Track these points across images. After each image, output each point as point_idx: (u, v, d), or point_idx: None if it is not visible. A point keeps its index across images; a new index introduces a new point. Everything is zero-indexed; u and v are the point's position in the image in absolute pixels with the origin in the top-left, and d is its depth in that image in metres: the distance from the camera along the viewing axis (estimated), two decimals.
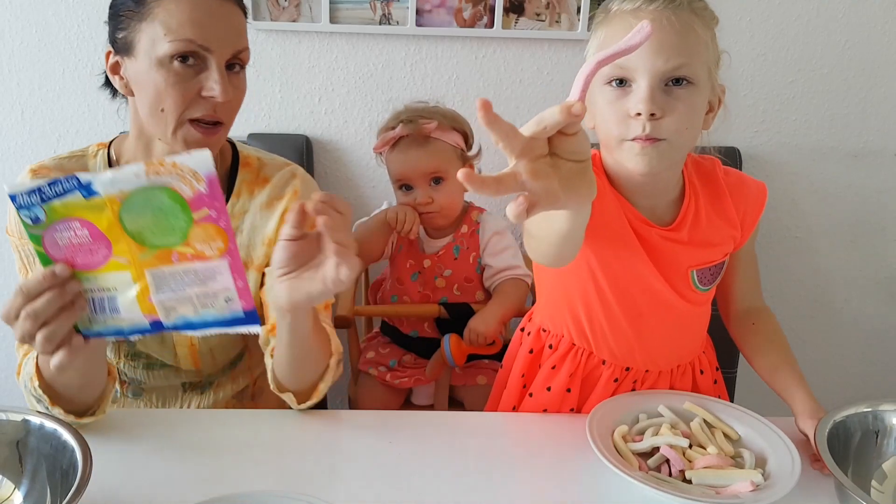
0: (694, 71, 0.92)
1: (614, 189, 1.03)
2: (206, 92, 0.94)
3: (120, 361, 1.15)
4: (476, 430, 1.02)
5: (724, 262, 1.09)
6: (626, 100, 0.93)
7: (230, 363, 1.19)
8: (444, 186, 1.51)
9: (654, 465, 0.93)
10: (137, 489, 0.86)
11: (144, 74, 0.95)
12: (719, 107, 1.01)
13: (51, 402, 0.90)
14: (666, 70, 0.91)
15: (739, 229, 1.08)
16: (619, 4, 0.96)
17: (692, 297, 1.07)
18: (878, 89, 1.81)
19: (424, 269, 1.56)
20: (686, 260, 1.05)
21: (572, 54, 1.76)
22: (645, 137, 0.92)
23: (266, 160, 1.13)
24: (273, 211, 1.09)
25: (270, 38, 1.73)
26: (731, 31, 1.75)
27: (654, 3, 0.93)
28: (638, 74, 0.91)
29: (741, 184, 1.10)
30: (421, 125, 1.47)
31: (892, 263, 1.98)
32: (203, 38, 0.92)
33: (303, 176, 1.13)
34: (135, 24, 0.94)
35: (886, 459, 0.92)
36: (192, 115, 0.95)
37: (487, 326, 1.46)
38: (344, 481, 0.90)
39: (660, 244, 1.03)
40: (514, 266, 1.54)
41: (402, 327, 1.61)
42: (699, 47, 0.93)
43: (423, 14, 1.70)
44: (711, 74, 0.97)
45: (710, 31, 0.96)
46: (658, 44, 0.90)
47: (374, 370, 1.56)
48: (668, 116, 0.92)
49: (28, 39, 1.71)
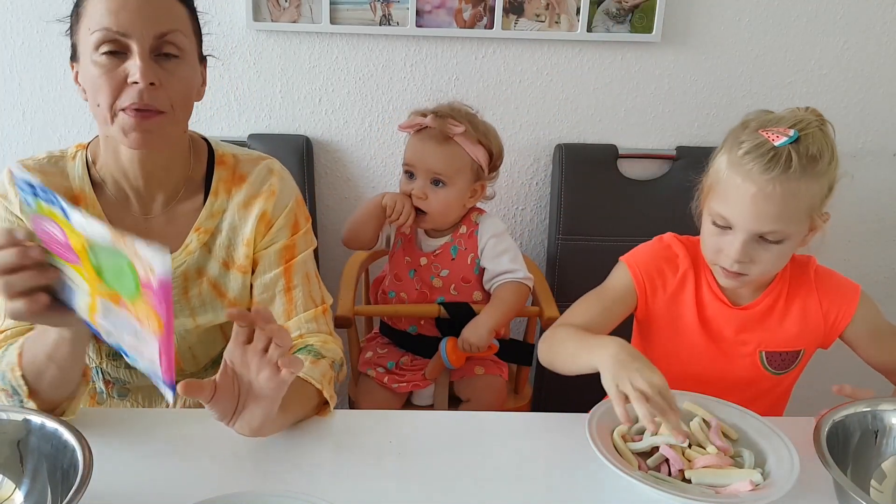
0: (787, 232, 1.03)
1: (703, 271, 1.14)
2: (129, 78, 0.94)
3: (102, 362, 1.14)
4: (476, 429, 1.02)
5: (799, 351, 1.14)
6: (722, 239, 1.05)
7: (212, 362, 1.19)
8: (442, 191, 1.49)
9: (653, 465, 0.93)
10: (138, 489, 0.87)
11: (85, 73, 0.96)
12: (820, 230, 1.08)
13: (28, 395, 0.90)
14: (759, 232, 1.02)
15: (823, 325, 1.13)
16: (741, 157, 1.02)
17: (761, 378, 1.13)
18: (876, 90, 1.81)
19: (421, 266, 1.56)
20: (754, 340, 1.12)
21: (572, 55, 1.76)
22: (732, 272, 1.06)
23: (241, 156, 1.12)
24: (250, 210, 1.08)
25: (271, 39, 1.73)
26: (731, 31, 1.75)
27: (768, 173, 0.99)
28: (736, 227, 1.03)
29: (831, 283, 1.14)
30: (448, 124, 1.46)
31: (892, 263, 1.98)
32: (118, 25, 0.92)
33: (280, 172, 1.12)
34: (75, 29, 0.97)
35: (885, 459, 0.92)
36: (123, 105, 0.94)
37: (479, 338, 1.46)
38: (344, 481, 0.90)
39: (728, 322, 1.12)
40: (513, 270, 1.53)
41: (399, 323, 1.61)
42: (799, 210, 1.02)
43: (423, 15, 1.70)
44: (813, 216, 1.05)
45: (820, 182, 1.02)
46: (758, 211, 1.01)
47: (372, 371, 1.56)
48: (755, 264, 1.05)
49: (29, 40, 1.71)
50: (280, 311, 1.10)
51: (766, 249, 1.03)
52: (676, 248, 1.17)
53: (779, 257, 1.05)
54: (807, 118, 1.05)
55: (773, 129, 1.02)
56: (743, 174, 1.01)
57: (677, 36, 1.75)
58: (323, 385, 0.99)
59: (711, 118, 1.83)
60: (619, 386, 0.89)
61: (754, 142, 1.02)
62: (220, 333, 1.16)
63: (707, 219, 1.08)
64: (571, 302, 1.17)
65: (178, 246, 1.07)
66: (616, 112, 1.82)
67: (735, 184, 1.02)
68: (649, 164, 1.85)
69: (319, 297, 1.13)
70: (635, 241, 1.80)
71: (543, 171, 1.87)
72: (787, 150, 0.99)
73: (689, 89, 1.80)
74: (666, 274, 1.15)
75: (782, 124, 1.03)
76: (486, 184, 1.54)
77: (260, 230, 1.08)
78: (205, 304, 1.10)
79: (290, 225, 1.11)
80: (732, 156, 1.03)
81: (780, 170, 0.99)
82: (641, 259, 1.17)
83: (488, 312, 1.49)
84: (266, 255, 1.10)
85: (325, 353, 1.06)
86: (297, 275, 1.11)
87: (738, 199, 1.01)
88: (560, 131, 1.83)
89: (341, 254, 1.79)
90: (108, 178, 1.05)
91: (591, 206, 1.81)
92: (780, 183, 0.99)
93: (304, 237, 1.13)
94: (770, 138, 1.01)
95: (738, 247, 1.03)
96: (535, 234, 1.93)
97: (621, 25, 1.72)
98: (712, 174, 1.07)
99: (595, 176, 1.81)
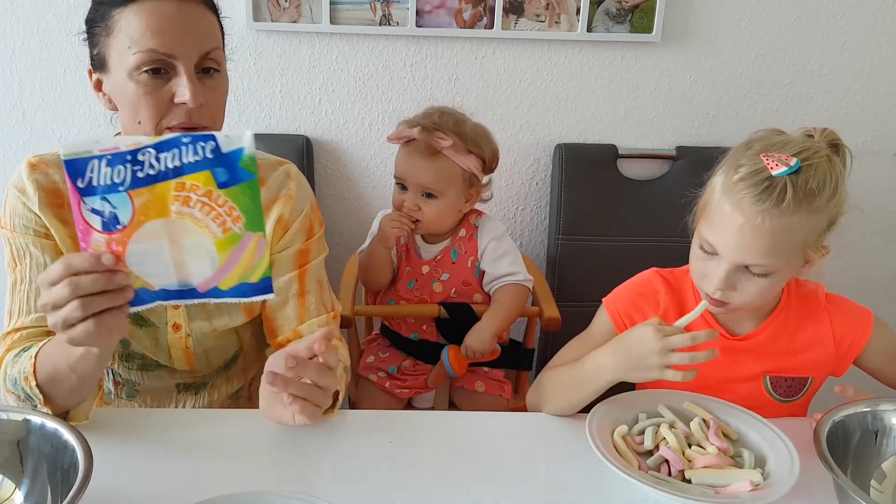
0: (774, 266, 0.97)
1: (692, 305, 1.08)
2: (177, 98, 0.93)
3: (115, 363, 1.14)
4: (476, 430, 1.02)
5: (807, 378, 1.09)
6: (708, 264, 1.01)
7: (225, 365, 1.19)
8: (434, 203, 1.47)
9: (653, 465, 0.93)
10: (138, 489, 0.87)
11: (120, 88, 0.94)
12: (818, 262, 1.02)
13: (43, 402, 0.90)
14: (745, 264, 0.97)
15: (836, 353, 1.08)
16: (735, 183, 0.96)
17: (766, 405, 1.07)
18: (876, 90, 1.81)
19: (423, 275, 1.56)
20: (758, 366, 1.08)
21: (572, 55, 1.76)
22: (715, 300, 1.01)
23: (260, 160, 1.12)
24: (268, 215, 1.08)
25: (271, 39, 1.73)
26: (731, 31, 1.75)
27: (759, 205, 0.94)
28: (722, 255, 0.98)
29: (843, 310, 1.09)
30: (435, 138, 1.43)
31: (892, 263, 1.99)
32: (165, 47, 0.91)
33: (297, 176, 1.12)
34: (104, 40, 0.94)
35: (886, 459, 0.92)
36: (169, 124, 0.94)
37: (482, 344, 1.46)
38: (344, 481, 0.90)
39: (725, 354, 1.04)
40: (513, 272, 1.53)
41: (402, 331, 1.60)
42: (791, 245, 0.97)
43: (423, 15, 1.70)
44: (808, 251, 0.99)
45: (818, 217, 0.96)
46: (744, 243, 0.96)
47: (373, 376, 1.56)
48: (737, 293, 0.99)
49: (29, 40, 1.71)
50: (292, 316, 1.10)
51: (750, 281, 0.98)
52: (657, 284, 1.12)
53: (764, 290, 1.00)
54: (815, 146, 0.97)
55: (775, 154, 0.95)
56: (733, 202, 0.95)
57: (677, 36, 1.75)
58: (340, 387, 0.99)
59: (711, 118, 1.83)
60: (654, 376, 0.92)
61: (752, 167, 0.95)
62: (234, 336, 1.17)
63: (696, 241, 1.03)
64: (571, 302, 1.17)
65: None
66: (616, 112, 1.82)
67: (724, 211, 0.96)
68: (649, 164, 1.85)
69: (330, 303, 1.13)
70: (635, 241, 1.83)
71: (543, 171, 1.87)
72: (783, 182, 0.93)
73: (689, 89, 1.80)
74: (645, 310, 1.10)
75: (787, 150, 0.96)
76: (480, 188, 1.53)
77: (277, 234, 1.08)
78: (220, 308, 1.10)
79: (305, 229, 1.10)
80: (727, 179, 0.97)
81: (771, 202, 0.93)
82: (619, 298, 1.13)
83: (489, 318, 1.49)
84: (281, 258, 1.09)
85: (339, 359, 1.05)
86: (311, 280, 1.10)
87: (725, 227, 0.96)
88: (560, 131, 1.83)
89: (341, 254, 1.79)
90: None
91: (591, 206, 1.81)
92: (770, 217, 0.93)
93: (317, 242, 1.13)
94: (769, 166, 0.94)
95: (721, 275, 0.98)
96: (535, 235, 1.93)
97: (621, 25, 1.72)
98: (707, 194, 1.02)
99: (595, 176, 1.81)
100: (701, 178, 1.09)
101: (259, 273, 0.79)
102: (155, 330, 1.09)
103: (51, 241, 1.00)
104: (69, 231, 0.99)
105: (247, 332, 1.18)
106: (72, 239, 0.99)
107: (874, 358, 1.08)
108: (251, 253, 0.78)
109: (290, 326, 1.09)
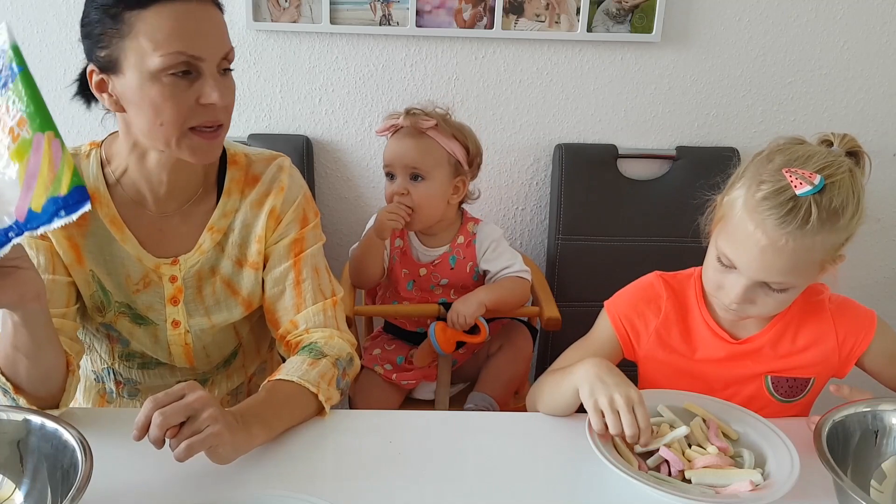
0: (794, 283, 0.98)
1: (694, 309, 1.09)
2: (204, 99, 0.93)
3: (115, 362, 1.15)
4: (476, 429, 1.02)
5: (809, 379, 1.08)
6: (725, 277, 1.00)
7: (224, 361, 1.19)
8: (422, 185, 1.49)
9: (653, 465, 0.93)
10: (138, 489, 0.87)
11: (136, 90, 0.93)
12: (832, 270, 1.02)
13: (14, 391, 0.91)
14: (764, 281, 0.97)
15: (838, 354, 1.07)
16: (759, 202, 0.94)
17: (767, 405, 1.07)
18: (876, 90, 1.81)
19: (420, 277, 1.57)
20: (759, 367, 1.08)
21: (572, 55, 1.76)
22: (731, 311, 1.02)
23: (254, 156, 1.13)
24: (262, 208, 1.09)
25: (271, 39, 1.73)
26: (731, 31, 1.75)
27: (783, 228, 0.92)
28: (741, 270, 0.97)
29: (847, 311, 1.09)
30: (419, 119, 1.48)
31: (892, 263, 1.98)
32: (193, 49, 0.91)
33: (289, 169, 1.13)
34: (116, 42, 0.92)
35: (886, 459, 0.92)
36: (192, 124, 0.95)
37: (468, 306, 1.47)
38: (344, 481, 0.90)
39: (727, 357, 1.07)
40: (512, 265, 1.56)
41: (406, 326, 1.62)
42: (811, 262, 0.96)
43: (423, 15, 1.70)
44: (824, 265, 0.99)
45: (839, 235, 0.96)
46: (766, 264, 0.95)
47: (379, 368, 1.57)
48: (755, 306, 1.00)
49: (29, 40, 1.71)
50: (290, 305, 1.10)
51: (769, 295, 0.98)
52: (659, 289, 1.11)
53: (781, 303, 1.01)
54: (838, 161, 0.96)
55: (798, 171, 0.93)
56: (756, 221, 0.93)
57: (677, 36, 1.75)
58: (320, 388, 0.99)
59: (711, 118, 1.83)
60: (598, 401, 0.91)
61: (775, 185, 0.93)
62: (233, 332, 1.17)
63: (713, 251, 1.02)
64: (571, 302, 1.17)
65: (192, 245, 1.08)
66: (616, 112, 1.82)
67: (746, 230, 0.94)
68: (649, 163, 1.85)
69: (329, 289, 1.13)
70: (635, 241, 1.82)
71: (543, 171, 1.87)
72: (808, 202, 0.91)
73: (689, 89, 1.80)
74: (647, 315, 1.10)
75: (810, 165, 0.94)
76: (466, 180, 1.55)
77: (270, 226, 1.09)
78: (219, 303, 1.11)
79: (298, 219, 1.11)
80: (750, 196, 0.95)
81: (796, 225, 0.91)
82: (620, 302, 1.13)
83: (483, 288, 1.53)
84: (276, 249, 1.10)
85: (328, 352, 1.05)
86: (307, 268, 1.11)
87: (746, 246, 0.95)
88: (560, 131, 1.83)
89: (341, 254, 1.79)
90: (126, 180, 1.05)
91: (590, 206, 1.81)
92: (794, 238, 0.92)
93: (312, 231, 1.13)
94: (793, 183, 0.92)
95: (740, 291, 0.98)
96: (535, 234, 1.93)
97: (621, 25, 1.72)
98: (726, 205, 0.99)
99: (595, 176, 1.81)
100: (702, 178, 1.09)
101: (65, 182, 0.72)
102: (154, 328, 1.10)
103: (46, 242, 1.03)
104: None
105: (245, 327, 1.18)
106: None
107: (875, 360, 1.08)
108: (48, 158, 0.72)
109: (288, 317, 1.10)
